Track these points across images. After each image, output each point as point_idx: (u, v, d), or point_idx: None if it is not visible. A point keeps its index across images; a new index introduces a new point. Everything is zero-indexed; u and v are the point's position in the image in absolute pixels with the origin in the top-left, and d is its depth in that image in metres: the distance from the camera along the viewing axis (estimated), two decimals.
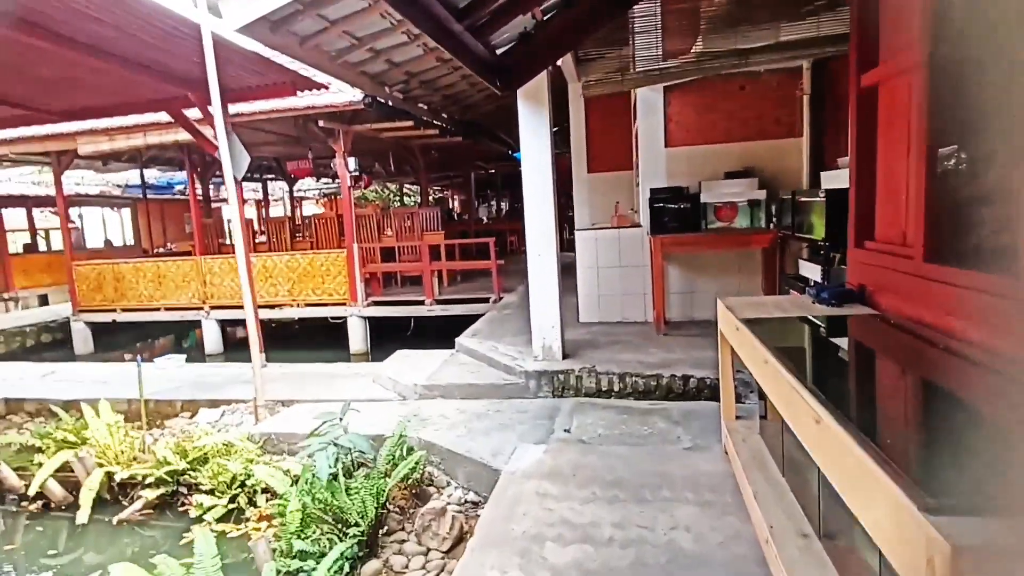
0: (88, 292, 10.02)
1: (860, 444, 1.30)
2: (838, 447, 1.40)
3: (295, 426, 4.73)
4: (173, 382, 6.22)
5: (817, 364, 2.38)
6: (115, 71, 5.09)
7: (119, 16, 4.29)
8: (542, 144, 4.90)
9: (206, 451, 4.39)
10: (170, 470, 4.23)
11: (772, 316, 2.85)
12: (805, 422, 1.66)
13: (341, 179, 8.72)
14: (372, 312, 8.92)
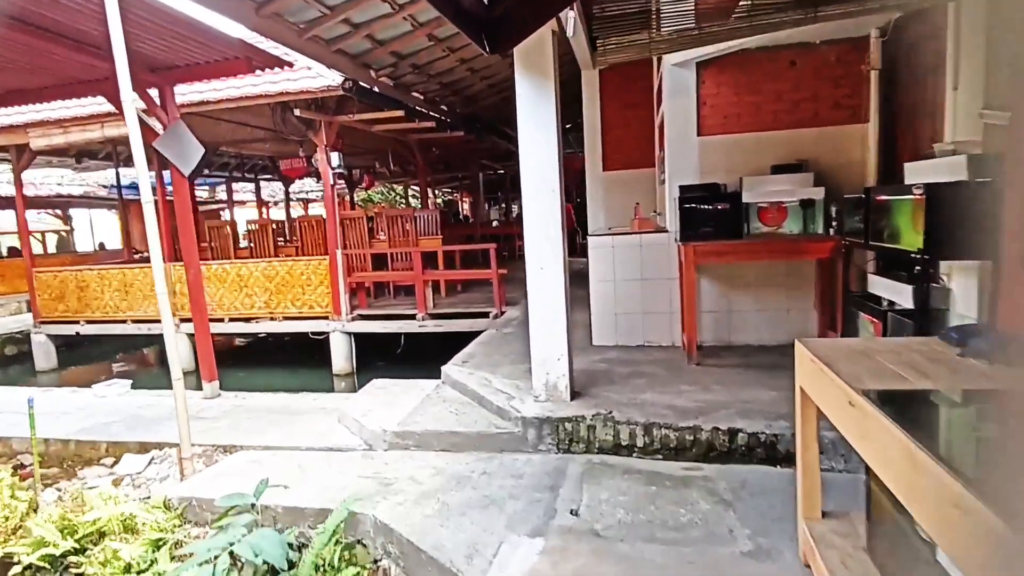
0: (49, 301, 9.10)
1: None
2: None
3: (228, 486, 3.68)
4: (107, 415, 5.22)
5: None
6: (17, 39, 4.10)
7: None
8: (545, 126, 3.82)
9: (101, 526, 3.36)
10: (46, 554, 3.20)
11: (907, 387, 1.74)
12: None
13: (323, 177, 7.72)
14: (358, 327, 7.89)
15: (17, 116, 7.88)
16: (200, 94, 7.09)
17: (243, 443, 4.41)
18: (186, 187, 5.29)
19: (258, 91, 6.82)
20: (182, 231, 5.45)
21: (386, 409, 4.45)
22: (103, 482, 4.19)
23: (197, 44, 4.60)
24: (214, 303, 8.40)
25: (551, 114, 3.82)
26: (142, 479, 4.18)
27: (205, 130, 10.21)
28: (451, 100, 9.29)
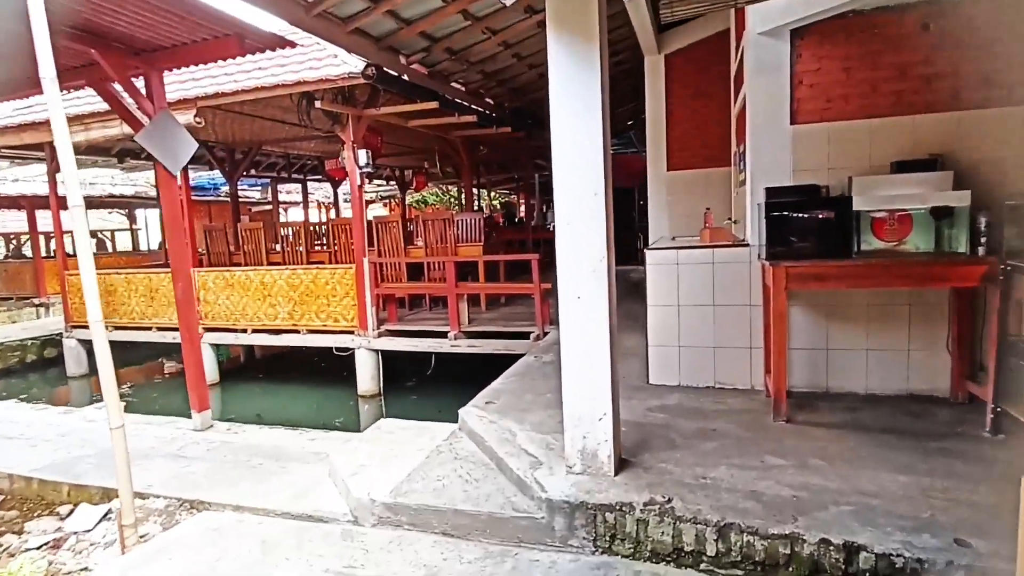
0: (80, 305, 8.81)
1: None
2: None
3: (170, 571, 2.88)
4: (81, 447, 4.59)
5: None
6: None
7: None
8: (585, 107, 2.82)
9: None
10: None
11: None
12: None
13: (350, 177, 6.97)
14: (385, 344, 7.09)
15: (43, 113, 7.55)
16: (217, 86, 6.48)
17: (212, 498, 3.61)
18: (175, 186, 4.60)
19: (276, 81, 6.12)
20: (171, 236, 4.78)
21: (383, 467, 3.55)
22: (44, 540, 3.50)
23: (178, 19, 3.87)
24: (237, 312, 7.83)
25: (594, 90, 2.81)
26: (87, 542, 3.45)
27: (242, 128, 9.78)
28: (496, 92, 8.39)
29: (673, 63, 7.29)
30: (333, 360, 7.50)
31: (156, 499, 3.75)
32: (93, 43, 4.04)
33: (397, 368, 7.42)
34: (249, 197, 18.45)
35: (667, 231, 6.90)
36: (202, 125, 6.51)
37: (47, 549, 3.44)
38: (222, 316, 7.92)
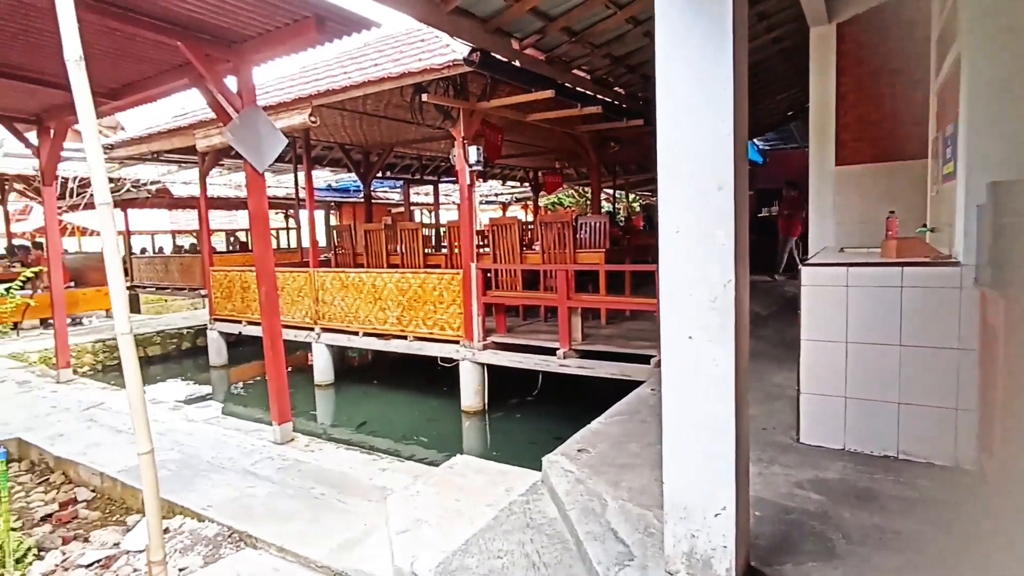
0: (221, 300, 9.36)
1: None
2: None
3: None
4: (167, 450, 4.51)
5: None
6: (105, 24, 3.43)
7: None
8: (710, 70, 1.93)
9: None
10: None
11: None
12: None
13: (459, 175, 6.49)
14: (490, 357, 6.51)
15: (188, 118, 8.04)
16: (332, 83, 6.32)
17: (260, 534, 3.21)
18: (262, 185, 4.37)
19: (382, 73, 5.79)
20: (256, 238, 4.57)
21: (440, 525, 2.90)
22: (99, 555, 3.32)
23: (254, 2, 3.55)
24: (351, 314, 7.74)
25: (723, 48, 1.91)
26: (131, 567, 3.21)
27: (372, 129, 9.83)
28: (627, 79, 7.47)
29: (847, 33, 5.89)
30: (441, 369, 7.10)
31: (210, 524, 3.45)
32: (179, 35, 3.88)
33: (507, 381, 6.82)
34: (388, 199, 19.11)
35: (832, 240, 5.56)
36: (317, 124, 6.41)
37: (98, 567, 3.25)
38: (338, 317, 7.89)
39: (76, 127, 7.51)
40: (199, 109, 8.35)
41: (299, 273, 8.30)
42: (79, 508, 4.05)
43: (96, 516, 3.96)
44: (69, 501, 4.14)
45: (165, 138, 8.12)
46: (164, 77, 4.88)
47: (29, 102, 6.13)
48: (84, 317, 12.08)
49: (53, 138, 6.49)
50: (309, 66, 8.41)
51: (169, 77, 4.84)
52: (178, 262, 15.70)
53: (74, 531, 3.75)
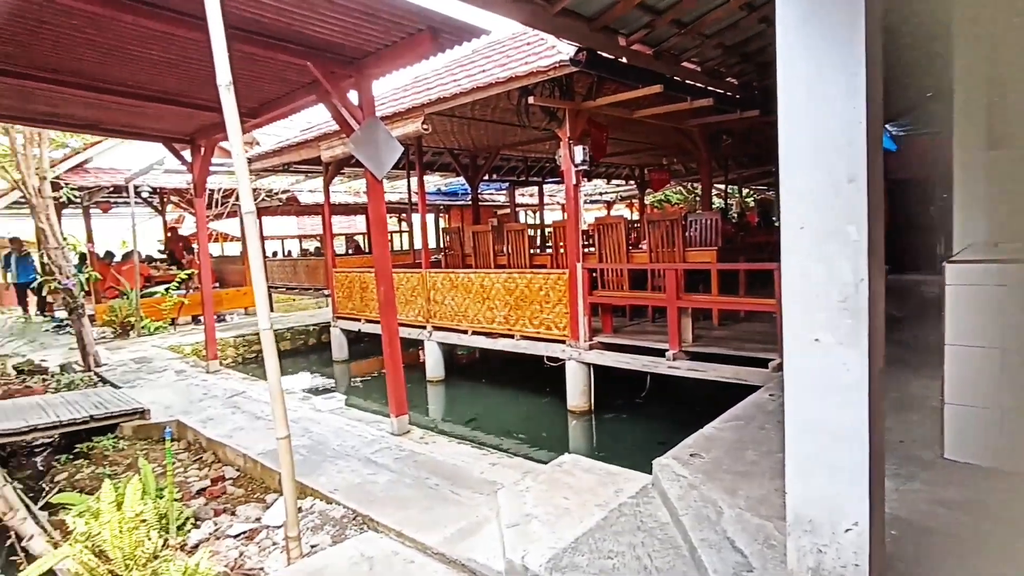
0: (343, 299, 10.04)
1: None
2: None
3: None
4: (299, 436, 4.91)
5: None
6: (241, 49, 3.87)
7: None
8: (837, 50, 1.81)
9: None
10: None
11: None
12: None
13: (565, 175, 6.50)
14: (596, 357, 6.47)
15: (313, 132, 8.71)
16: (443, 91, 6.58)
17: (381, 518, 3.42)
18: (380, 191, 4.65)
19: (490, 79, 5.94)
20: (375, 241, 4.86)
21: (549, 522, 2.94)
22: (244, 528, 3.70)
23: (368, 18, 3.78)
24: (460, 313, 8.01)
25: (855, 24, 1.78)
26: (271, 541, 3.54)
27: (479, 133, 10.12)
28: (741, 69, 7.11)
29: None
30: (547, 369, 7.16)
31: (337, 507, 3.72)
32: (307, 55, 4.23)
33: (614, 382, 6.75)
34: (494, 201, 19.52)
35: (984, 234, 4.96)
36: (429, 131, 6.70)
37: (243, 538, 3.62)
38: (448, 316, 8.19)
39: (221, 144, 8.40)
40: (323, 123, 9.02)
41: (412, 274, 8.72)
42: (227, 484, 4.53)
43: (240, 493, 4.41)
44: (219, 478, 4.64)
45: (294, 151, 8.86)
46: (295, 95, 5.34)
47: (185, 124, 6.94)
48: (226, 315, 13.44)
49: (203, 155, 7.30)
50: (421, 76, 8.80)
51: (299, 95, 5.29)
52: (304, 264, 17.04)
53: (223, 505, 4.20)
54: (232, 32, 3.60)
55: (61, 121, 6.84)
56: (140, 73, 5.04)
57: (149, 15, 3.63)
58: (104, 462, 5.12)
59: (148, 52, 4.52)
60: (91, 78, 5.20)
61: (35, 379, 7.68)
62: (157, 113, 6.31)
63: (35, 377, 7.83)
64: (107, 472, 4.81)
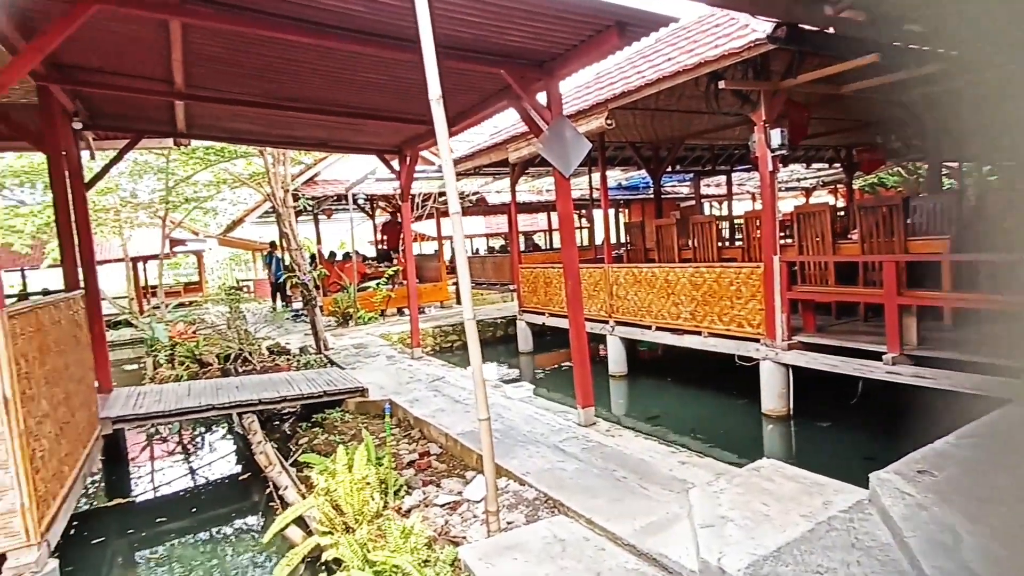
0: (527, 294, 10.48)
1: None
2: None
3: (515, 571, 2.90)
4: (496, 421, 5.25)
5: None
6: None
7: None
8: None
9: (389, 565, 3.08)
10: None
11: None
12: None
13: (760, 161, 6.05)
14: (795, 358, 5.95)
15: (499, 136, 9.20)
16: (626, 84, 6.54)
17: (571, 504, 3.55)
18: (568, 188, 4.76)
19: (676, 68, 5.76)
20: (563, 237, 4.98)
21: (746, 527, 2.81)
22: (448, 499, 4.08)
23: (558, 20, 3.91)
24: (643, 309, 7.90)
25: None
26: (472, 514, 3.86)
27: (663, 124, 9.86)
28: None
29: None
30: (739, 369, 6.76)
31: (529, 489, 3.94)
32: (500, 63, 4.50)
33: (814, 385, 6.16)
34: (677, 193, 18.84)
35: None
36: (613, 127, 6.71)
37: (447, 508, 4.00)
38: (631, 311, 8.14)
39: (422, 153, 9.27)
40: (509, 126, 9.50)
41: (595, 269, 8.80)
42: (432, 459, 5.03)
43: (443, 467, 4.87)
44: (425, 452, 5.17)
45: (484, 155, 9.47)
46: (486, 103, 5.72)
47: (393, 137, 7.81)
48: (425, 307, 14.81)
49: (408, 163, 8.14)
50: (603, 71, 8.83)
51: (490, 102, 5.66)
52: (491, 261, 18.11)
53: (429, 476, 4.67)
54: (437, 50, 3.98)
55: (298, 142, 8.13)
56: (359, 95, 5.80)
57: (373, 44, 4.16)
58: (334, 431, 5.99)
59: (366, 76, 5.18)
60: (320, 103, 6.11)
61: (282, 359, 9.23)
62: (371, 129, 7.19)
63: (282, 357, 9.41)
64: (337, 440, 5.63)
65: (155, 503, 5.89)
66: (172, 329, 10.71)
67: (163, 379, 8.64)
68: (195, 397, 6.06)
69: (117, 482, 6.26)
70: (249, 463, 6.02)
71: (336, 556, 3.42)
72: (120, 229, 15.76)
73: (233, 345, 9.31)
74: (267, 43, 4.42)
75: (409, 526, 3.36)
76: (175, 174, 13.80)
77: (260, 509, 5.23)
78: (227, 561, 4.53)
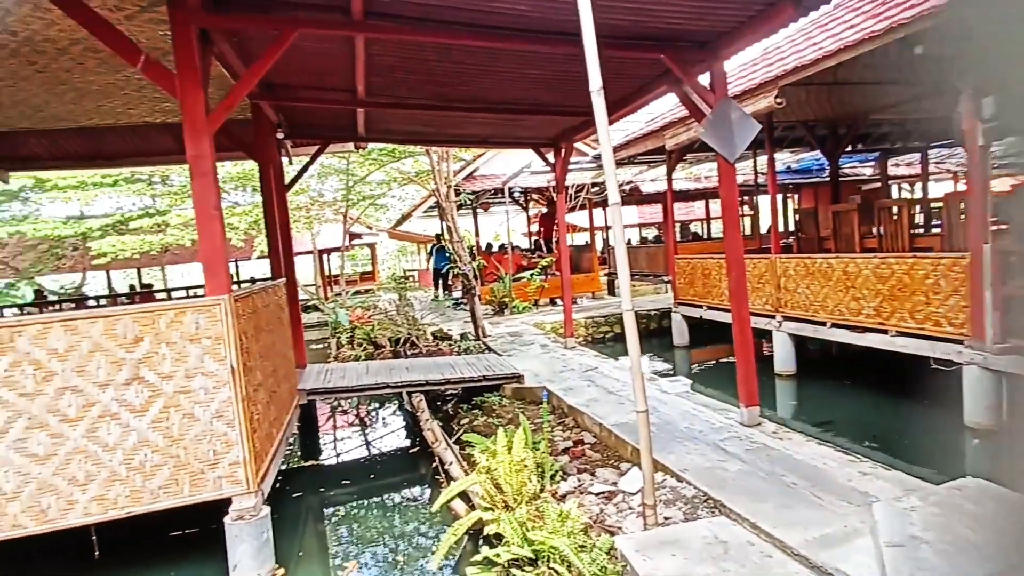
0: (683, 286, 10.09)
1: None
2: None
3: (672, 568, 2.87)
4: (653, 414, 5.16)
5: None
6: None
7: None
8: None
9: (547, 546, 3.19)
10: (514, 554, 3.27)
11: None
12: None
13: (967, 135, 5.20)
14: (1012, 365, 5.07)
15: (661, 120, 8.92)
16: (799, 58, 6.00)
17: (733, 505, 3.40)
18: (733, 174, 4.49)
19: (859, 36, 5.14)
20: (727, 224, 4.70)
21: (945, 552, 2.48)
22: (602, 489, 4.11)
23: None
24: (817, 303, 7.24)
25: None
26: (627, 505, 3.84)
27: (842, 99, 8.90)
28: None
29: None
30: (932, 373, 5.94)
31: (687, 486, 3.83)
32: (660, 48, 4.36)
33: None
34: (858, 175, 16.87)
35: None
36: (783, 105, 6.20)
37: (602, 498, 4.03)
38: (801, 306, 7.50)
39: (576, 145, 9.31)
40: (668, 112, 9.18)
41: (760, 260, 8.23)
42: (586, 448, 5.09)
43: (597, 457, 4.91)
44: (579, 441, 5.25)
45: (639, 143, 9.27)
46: (643, 90, 5.60)
47: (549, 130, 7.95)
48: (576, 298, 14.92)
49: (563, 156, 8.23)
50: (771, 46, 8.18)
51: (647, 89, 5.53)
52: (644, 252, 17.71)
53: (584, 465, 4.74)
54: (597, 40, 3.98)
55: (463, 140, 8.60)
56: (521, 91, 5.98)
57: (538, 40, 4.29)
58: (492, 414, 6.31)
59: (528, 72, 5.33)
60: (485, 101, 6.41)
61: (445, 344, 9.88)
62: (530, 123, 7.38)
63: (444, 342, 10.07)
64: (495, 422, 5.91)
65: (340, 467, 6.67)
66: (352, 314, 11.95)
67: (344, 358, 9.70)
68: (372, 375, 6.73)
69: (310, 446, 7.18)
70: (417, 438, 6.57)
71: (497, 531, 3.62)
72: (310, 224, 17.88)
73: (402, 330, 10.15)
74: (438, 49, 4.74)
75: (566, 510, 3.45)
76: (354, 175, 15.33)
77: (427, 481, 5.68)
78: (396, 525, 5.01)
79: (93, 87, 5.47)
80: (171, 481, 3.70)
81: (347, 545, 4.79)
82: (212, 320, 3.72)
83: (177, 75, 3.58)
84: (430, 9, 4.02)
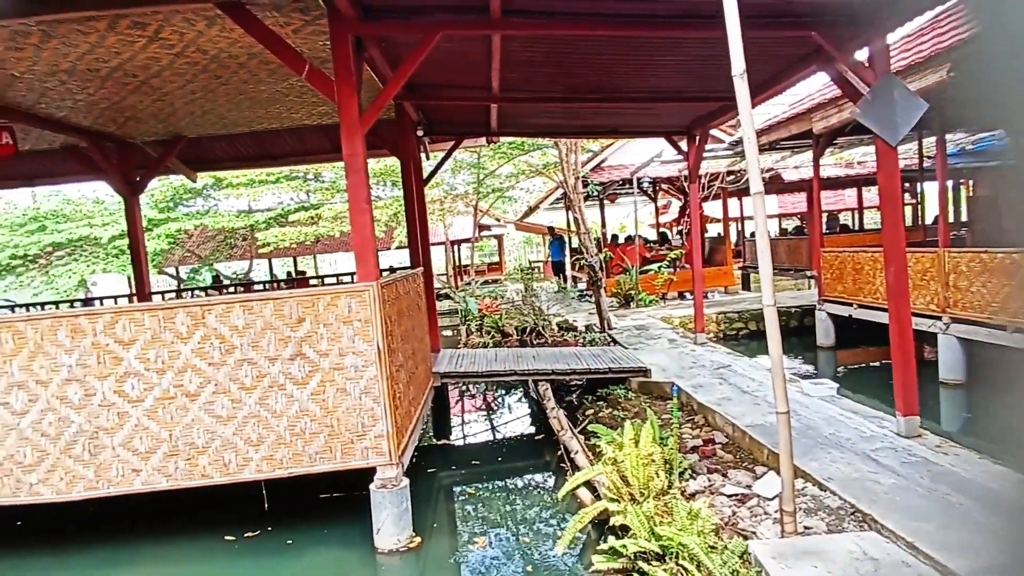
0: (831, 282, 9.29)
1: None
2: None
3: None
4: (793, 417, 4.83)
5: None
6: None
7: None
8: None
9: (676, 543, 3.14)
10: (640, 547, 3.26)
11: None
12: None
13: None
14: None
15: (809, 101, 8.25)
16: None
17: (885, 521, 3.11)
18: (894, 159, 4.04)
19: None
20: (885, 214, 4.24)
21: None
22: (735, 491, 3.94)
23: None
24: (995, 304, 6.34)
25: None
26: (762, 510, 3.65)
27: None
28: None
29: None
30: None
31: (831, 496, 3.57)
32: (810, 25, 4.03)
33: None
34: None
35: None
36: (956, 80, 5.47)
37: (734, 500, 3.87)
38: (975, 306, 6.61)
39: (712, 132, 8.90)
40: (816, 92, 8.47)
41: (923, 254, 7.37)
42: (716, 447, 4.91)
43: (729, 458, 4.71)
44: (709, 440, 5.07)
45: (783, 127, 8.64)
46: (789, 70, 5.21)
47: (682, 117, 7.67)
48: (707, 292, 14.29)
49: (698, 144, 7.91)
50: (941, 12, 7.22)
51: (795, 68, 5.14)
52: (784, 244, 16.48)
53: (714, 465, 4.57)
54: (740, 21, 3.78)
55: (592, 131, 8.57)
56: (654, 79, 5.84)
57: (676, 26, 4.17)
58: (617, 407, 6.27)
59: (663, 59, 5.20)
60: (617, 91, 6.33)
61: (570, 334, 9.95)
62: (662, 111, 7.18)
63: (569, 333, 10.14)
64: (621, 415, 5.88)
65: (469, 447, 7.00)
66: (480, 303, 12.42)
67: (473, 345, 10.11)
68: (500, 362, 6.97)
69: (442, 426, 7.61)
70: (541, 426, 6.71)
71: (623, 523, 3.61)
72: (443, 217, 18.77)
73: (528, 319, 10.37)
74: (571, 42, 4.77)
75: (696, 508, 3.36)
76: (484, 168, 15.84)
77: (551, 468, 5.79)
78: (521, 507, 5.17)
79: (264, 95, 6.16)
80: (326, 448, 4.12)
81: (475, 522, 5.04)
82: (362, 304, 4.08)
83: (335, 80, 3.95)
84: (564, 3, 4.05)
